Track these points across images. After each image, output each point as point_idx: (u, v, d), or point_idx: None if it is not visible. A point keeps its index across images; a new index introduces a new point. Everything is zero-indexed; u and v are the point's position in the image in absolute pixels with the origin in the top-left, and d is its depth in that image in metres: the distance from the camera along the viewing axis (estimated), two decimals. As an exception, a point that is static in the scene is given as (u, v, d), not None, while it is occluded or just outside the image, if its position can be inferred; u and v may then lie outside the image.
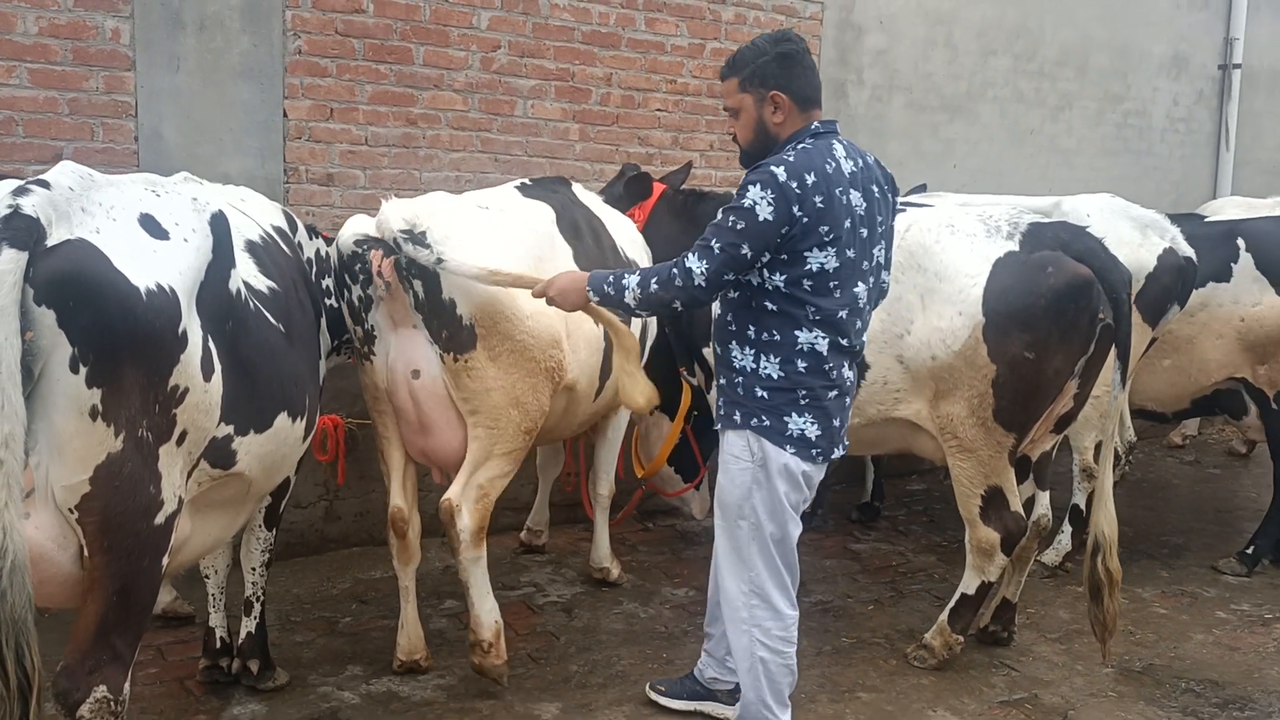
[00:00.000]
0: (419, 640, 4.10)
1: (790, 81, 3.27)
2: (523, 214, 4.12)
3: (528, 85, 6.28)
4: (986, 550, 4.10)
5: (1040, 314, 3.82)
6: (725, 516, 3.42)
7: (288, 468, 3.52)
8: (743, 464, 3.34)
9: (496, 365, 3.80)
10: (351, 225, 3.86)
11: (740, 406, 3.33)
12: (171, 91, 5.31)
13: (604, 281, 3.36)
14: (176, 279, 2.66)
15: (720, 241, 3.15)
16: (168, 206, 2.79)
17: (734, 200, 3.18)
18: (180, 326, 2.64)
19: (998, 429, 3.96)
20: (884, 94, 7.69)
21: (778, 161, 3.16)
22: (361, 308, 3.84)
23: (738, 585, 3.42)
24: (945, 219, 4.09)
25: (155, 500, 2.67)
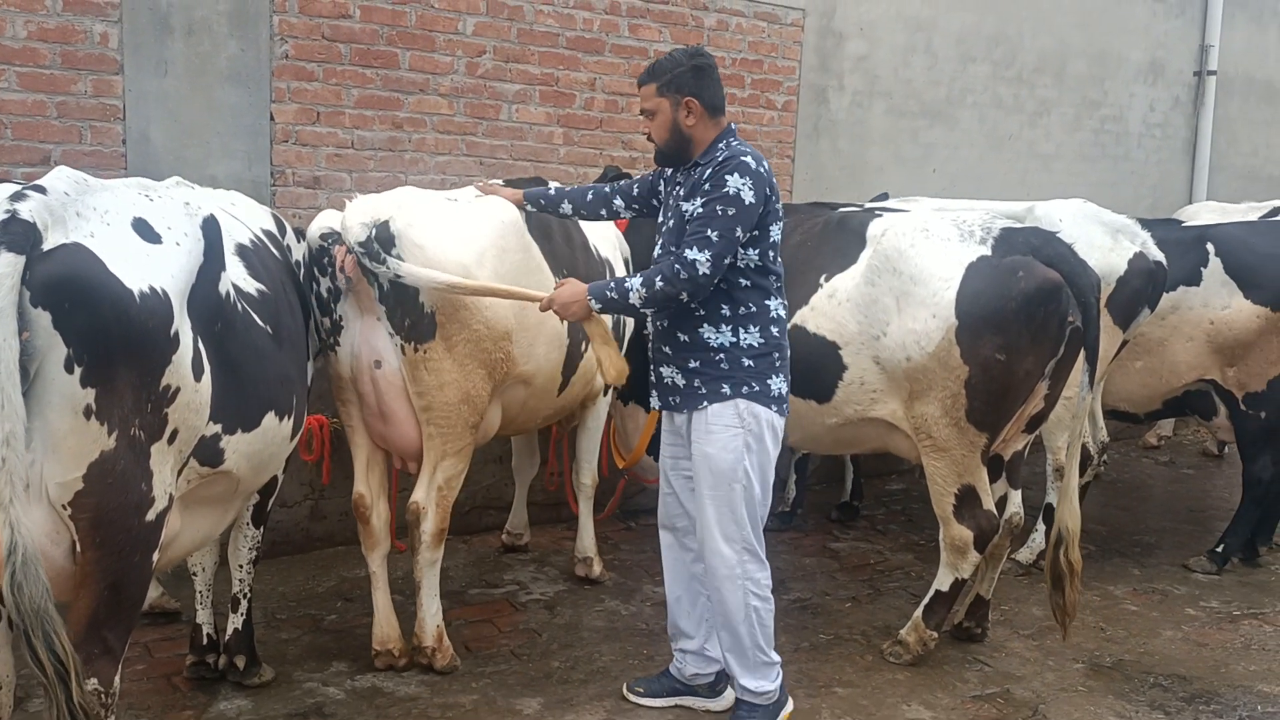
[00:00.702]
0: (392, 629, 4.14)
1: (701, 90, 3.64)
2: (489, 205, 4.22)
3: (513, 90, 6.36)
4: (960, 548, 4.20)
5: (1011, 317, 3.92)
6: (717, 484, 3.61)
7: (275, 466, 3.59)
8: (733, 431, 3.59)
9: (452, 357, 3.93)
10: (319, 220, 3.98)
11: (727, 379, 3.60)
12: (159, 95, 5.37)
13: (605, 290, 3.61)
14: (169, 282, 2.73)
15: (715, 230, 3.45)
16: (160, 211, 2.86)
17: (713, 192, 3.49)
18: (172, 328, 2.71)
19: (970, 429, 4.06)
20: (864, 100, 7.79)
21: (741, 152, 3.57)
22: (330, 299, 3.96)
23: (730, 547, 3.64)
24: (920, 224, 4.19)
25: (147, 497, 2.74)
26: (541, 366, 4.36)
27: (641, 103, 3.74)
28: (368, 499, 4.14)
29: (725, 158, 3.55)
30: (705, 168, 3.59)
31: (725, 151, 3.59)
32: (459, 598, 4.88)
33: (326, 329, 4.01)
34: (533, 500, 5.75)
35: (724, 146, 3.63)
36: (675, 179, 3.81)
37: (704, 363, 3.61)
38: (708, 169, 3.57)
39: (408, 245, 3.79)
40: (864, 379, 4.26)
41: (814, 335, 4.36)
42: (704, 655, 3.96)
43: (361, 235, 3.72)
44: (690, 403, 3.67)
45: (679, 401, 3.72)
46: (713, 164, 3.56)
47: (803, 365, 4.37)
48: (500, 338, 4.08)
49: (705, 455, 3.63)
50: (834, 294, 4.34)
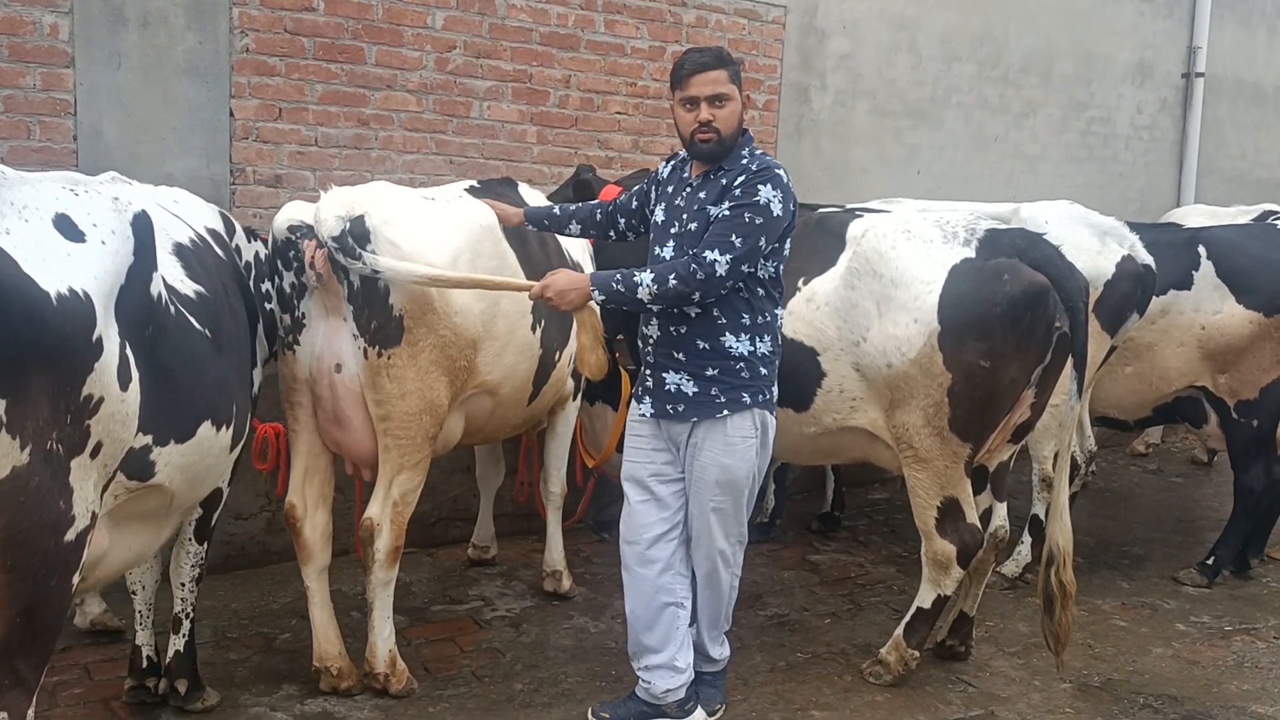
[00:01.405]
0: (331, 646, 3.94)
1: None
2: (466, 207, 4.05)
3: (484, 86, 6.16)
4: (942, 563, 4.01)
5: (996, 322, 3.74)
6: (731, 492, 3.63)
7: (215, 479, 3.38)
8: (750, 441, 3.62)
9: (416, 365, 3.74)
10: (286, 211, 3.79)
11: (747, 388, 3.59)
12: (112, 89, 5.15)
13: (611, 281, 3.50)
14: (92, 283, 2.53)
15: (739, 236, 3.42)
16: (86, 207, 2.65)
17: (743, 199, 3.46)
18: (94, 333, 2.51)
19: (953, 439, 3.88)
20: (847, 99, 7.62)
21: (773, 164, 3.57)
22: (293, 295, 3.77)
23: (730, 544, 3.74)
24: (901, 224, 4.01)
25: (65, 516, 2.53)
26: (509, 376, 4.18)
27: (710, 87, 3.53)
28: (300, 509, 3.94)
29: (760, 168, 3.53)
30: (735, 174, 3.54)
31: (757, 161, 3.58)
32: (420, 615, 4.67)
33: (286, 326, 3.82)
34: (502, 511, 5.55)
35: (749, 154, 3.61)
36: (687, 181, 3.70)
37: (724, 371, 3.57)
38: (738, 175, 3.52)
39: (382, 242, 3.62)
40: (843, 386, 4.08)
41: (791, 341, 4.16)
42: (673, 668, 3.76)
43: (336, 229, 3.52)
44: (703, 411, 3.58)
45: (684, 410, 3.60)
46: (745, 171, 3.52)
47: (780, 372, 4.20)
48: (466, 345, 3.90)
49: (723, 467, 3.60)
50: (812, 298, 4.15)
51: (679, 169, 3.78)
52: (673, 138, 6.97)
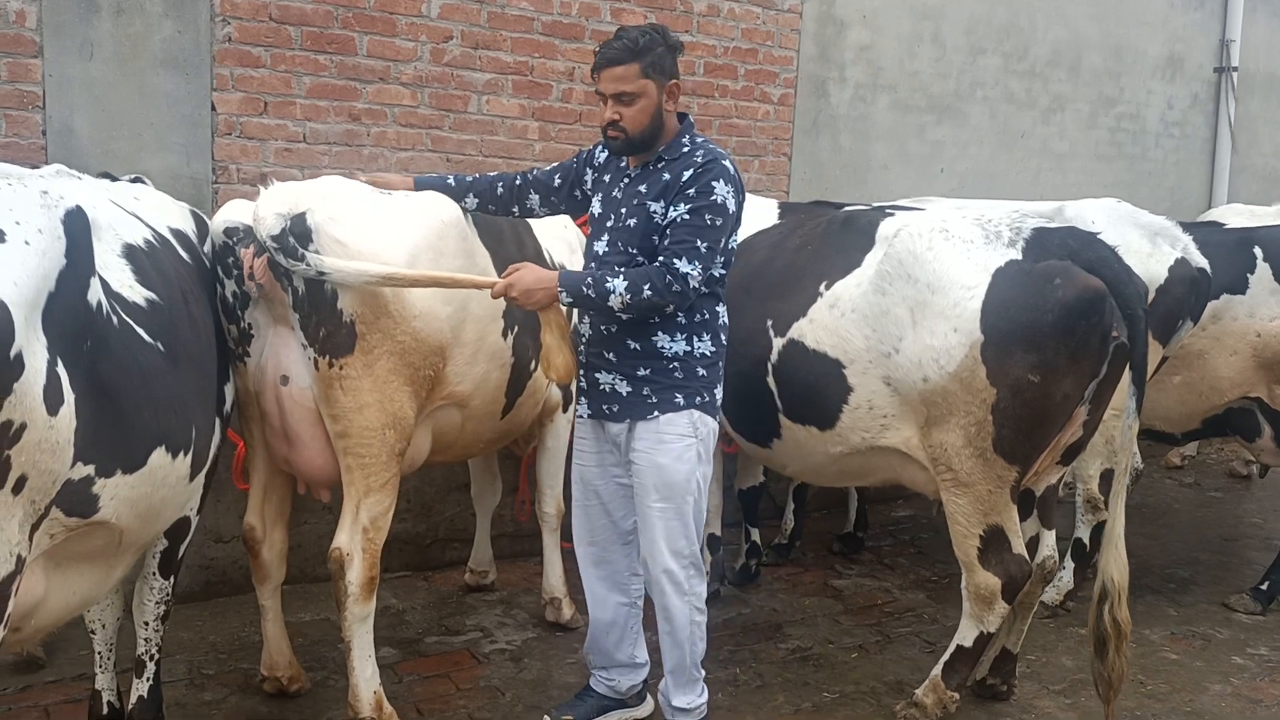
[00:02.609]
0: (281, 655, 3.85)
1: (678, 74, 3.43)
2: (427, 201, 3.67)
3: (483, 79, 5.81)
4: (986, 597, 3.63)
5: (1048, 331, 3.36)
6: (669, 496, 3.42)
7: (173, 511, 3.01)
8: (687, 441, 3.41)
9: (372, 375, 3.38)
10: (223, 212, 3.46)
11: (681, 389, 3.41)
12: (84, 81, 4.81)
13: (581, 284, 3.28)
14: (10, 290, 2.17)
15: (705, 241, 3.26)
16: (8, 202, 2.30)
17: (699, 200, 3.28)
18: (12, 348, 2.15)
19: (998, 461, 3.50)
20: (867, 93, 7.24)
21: (719, 154, 3.36)
22: (237, 305, 3.43)
23: (678, 562, 3.47)
24: (938, 223, 3.63)
25: None
26: (480, 386, 3.82)
27: (615, 85, 3.35)
28: (259, 531, 3.73)
29: (707, 160, 3.34)
30: (679, 166, 3.36)
31: (701, 151, 3.38)
32: (413, 647, 4.31)
33: (234, 338, 3.47)
34: (501, 531, 5.19)
35: (690, 142, 3.43)
36: (625, 171, 3.53)
37: (655, 370, 3.41)
38: (684, 168, 3.34)
39: (326, 241, 3.26)
40: (872, 402, 3.71)
41: (813, 352, 3.81)
42: (633, 665, 3.81)
43: (275, 228, 3.17)
44: (636, 412, 3.44)
45: (618, 411, 3.48)
46: (690, 164, 3.34)
47: (801, 386, 3.86)
48: (431, 352, 3.52)
49: (657, 466, 3.41)
50: (836, 304, 3.78)
51: (616, 157, 3.57)
52: (684, 134, 6.62)
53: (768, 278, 4.06)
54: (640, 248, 3.37)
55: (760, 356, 3.94)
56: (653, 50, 3.32)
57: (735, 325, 4.02)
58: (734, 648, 4.41)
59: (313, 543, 4.83)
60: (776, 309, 3.94)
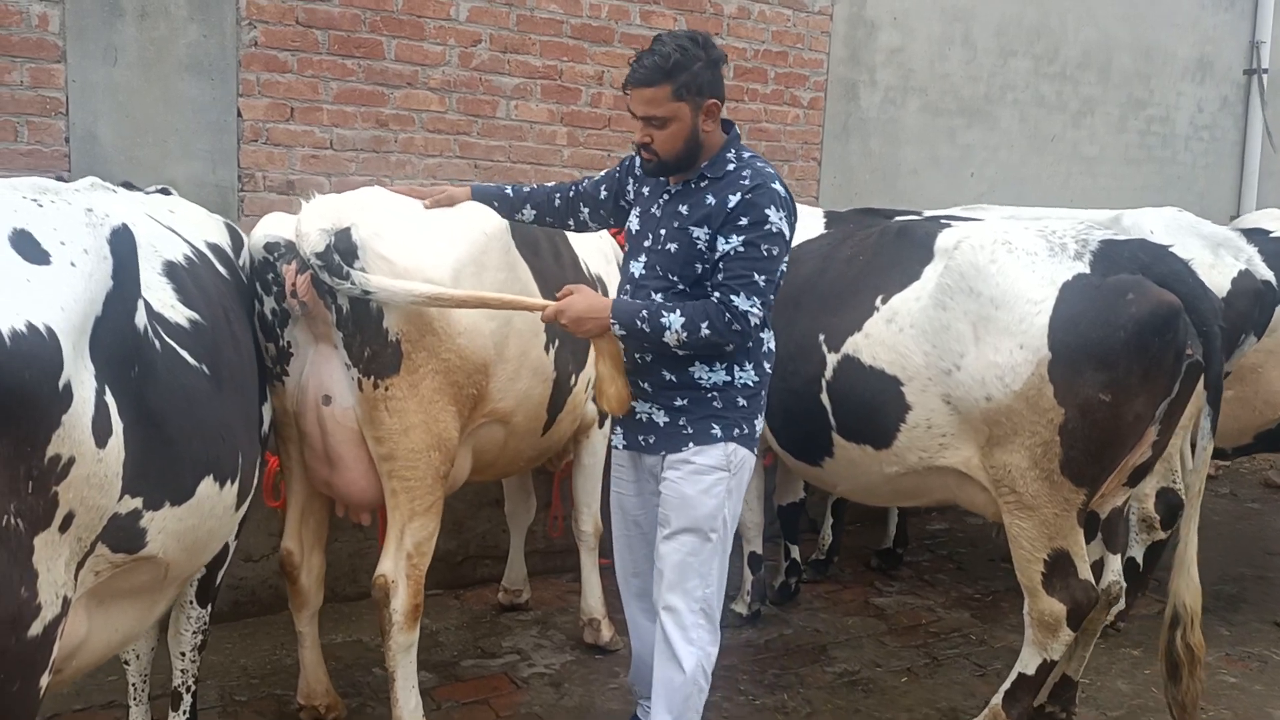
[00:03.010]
0: (319, 684, 3.70)
1: (721, 89, 3.14)
2: (469, 213, 3.56)
3: (511, 84, 5.68)
4: (1050, 624, 3.50)
5: (1120, 349, 3.22)
6: (694, 531, 3.19)
7: (218, 542, 2.88)
8: (718, 474, 3.19)
9: (417, 395, 3.28)
10: (264, 226, 3.32)
11: (719, 419, 3.18)
12: (108, 86, 4.69)
13: (635, 316, 3.08)
14: (58, 316, 2.03)
15: (763, 274, 3.05)
16: (51, 220, 2.16)
17: (754, 230, 3.04)
18: (61, 379, 2.02)
19: (1065, 483, 3.36)
20: (898, 96, 7.11)
21: (769, 175, 3.10)
22: (275, 322, 3.30)
23: (688, 603, 3.21)
24: (1000, 235, 3.50)
25: (28, 607, 2.04)
26: (523, 403, 3.70)
27: (644, 107, 3.08)
28: (297, 556, 3.59)
29: (756, 184, 3.06)
30: (725, 189, 3.09)
31: (748, 171, 3.10)
32: (450, 670, 4.18)
33: (272, 356, 3.35)
34: (534, 548, 5.06)
35: (736, 158, 3.16)
36: (664, 186, 3.28)
37: (693, 401, 3.19)
38: (731, 191, 3.07)
39: (371, 257, 3.15)
40: (931, 421, 3.57)
41: (870, 368, 3.67)
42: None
43: (320, 245, 3.04)
44: (671, 444, 3.22)
45: (653, 442, 3.25)
46: (737, 188, 3.07)
47: (856, 404, 3.72)
48: (475, 370, 3.42)
49: (682, 497, 3.18)
50: (893, 318, 3.65)
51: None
52: (713, 138, 6.49)
53: (819, 290, 3.93)
54: (681, 275, 3.15)
55: (813, 373, 3.81)
56: (687, 68, 3.01)
57: (785, 340, 3.90)
58: (779, 671, 4.28)
59: (343, 561, 4.71)
60: (829, 323, 3.81)
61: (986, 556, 5.80)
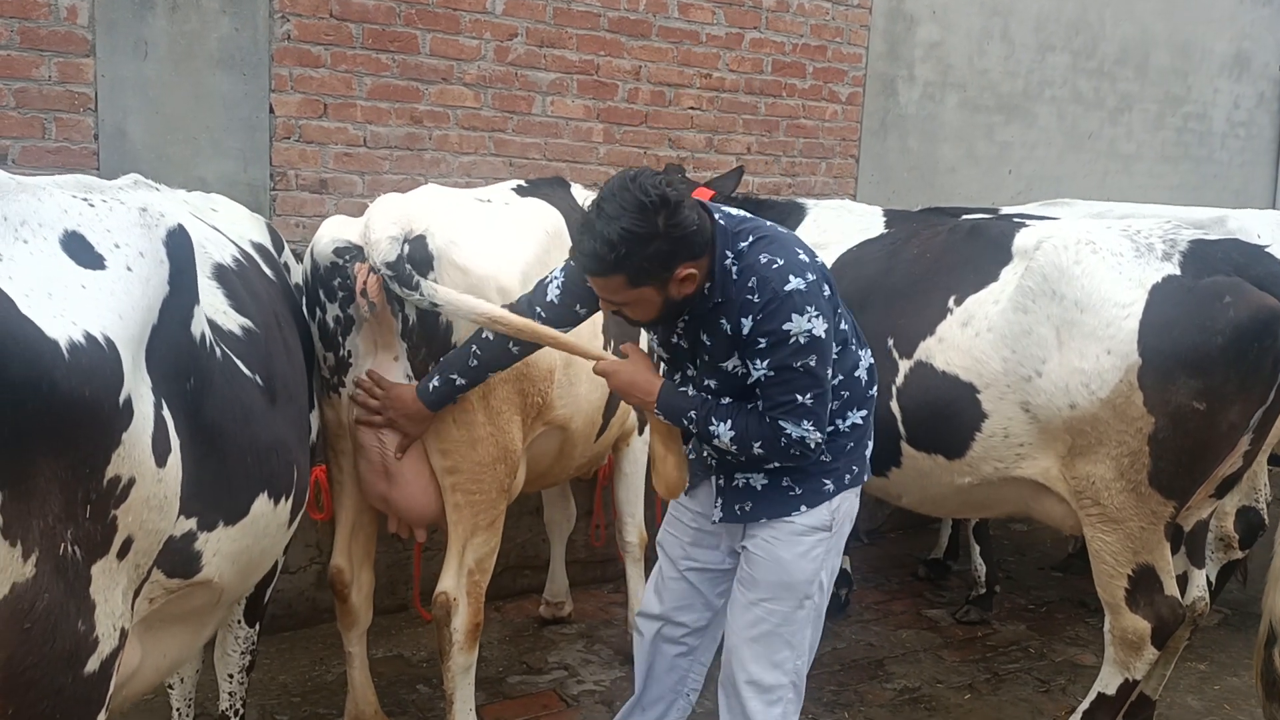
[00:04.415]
0: (368, 705, 3.55)
1: (696, 246, 2.58)
2: (529, 210, 3.44)
3: (547, 79, 5.52)
4: (1133, 642, 3.34)
5: (1217, 354, 3.06)
6: (782, 598, 2.85)
7: (270, 560, 2.73)
8: (819, 536, 2.85)
9: (487, 407, 3.14)
10: (330, 229, 3.12)
11: (829, 473, 2.84)
12: (138, 82, 4.53)
13: (682, 414, 2.77)
14: (116, 325, 1.88)
15: (809, 391, 2.63)
16: (105, 222, 2.00)
17: (779, 350, 2.60)
18: (122, 394, 1.86)
19: (1154, 495, 3.21)
20: (936, 92, 6.95)
21: (776, 276, 2.59)
22: (338, 330, 3.13)
23: (775, 677, 2.87)
24: (1083, 234, 3.34)
25: (86, 641, 1.88)
26: (581, 408, 3.56)
27: (602, 292, 2.68)
28: (347, 574, 3.41)
29: (765, 298, 2.58)
30: (735, 311, 2.65)
31: (754, 281, 2.61)
32: (496, 687, 4.03)
33: (330, 366, 3.18)
34: (574, 558, 4.91)
35: (736, 263, 2.64)
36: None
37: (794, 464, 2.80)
38: (743, 315, 2.64)
39: (447, 267, 2.99)
40: (1009, 430, 3.41)
41: (942, 374, 3.52)
42: None
43: (392, 254, 2.88)
44: (776, 509, 2.84)
45: (752, 509, 2.87)
46: (747, 308, 2.62)
47: (927, 411, 3.57)
48: (542, 378, 3.29)
49: (777, 561, 2.83)
50: (969, 322, 3.49)
51: None
52: (749, 134, 6.33)
53: (884, 292, 3.77)
54: (733, 394, 2.78)
55: (882, 380, 3.64)
56: (639, 254, 2.49)
57: (850, 344, 3.74)
58: (836, 688, 4.12)
59: (381, 573, 4.51)
60: (898, 326, 3.65)
61: (1034, 566, 5.64)
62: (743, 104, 6.22)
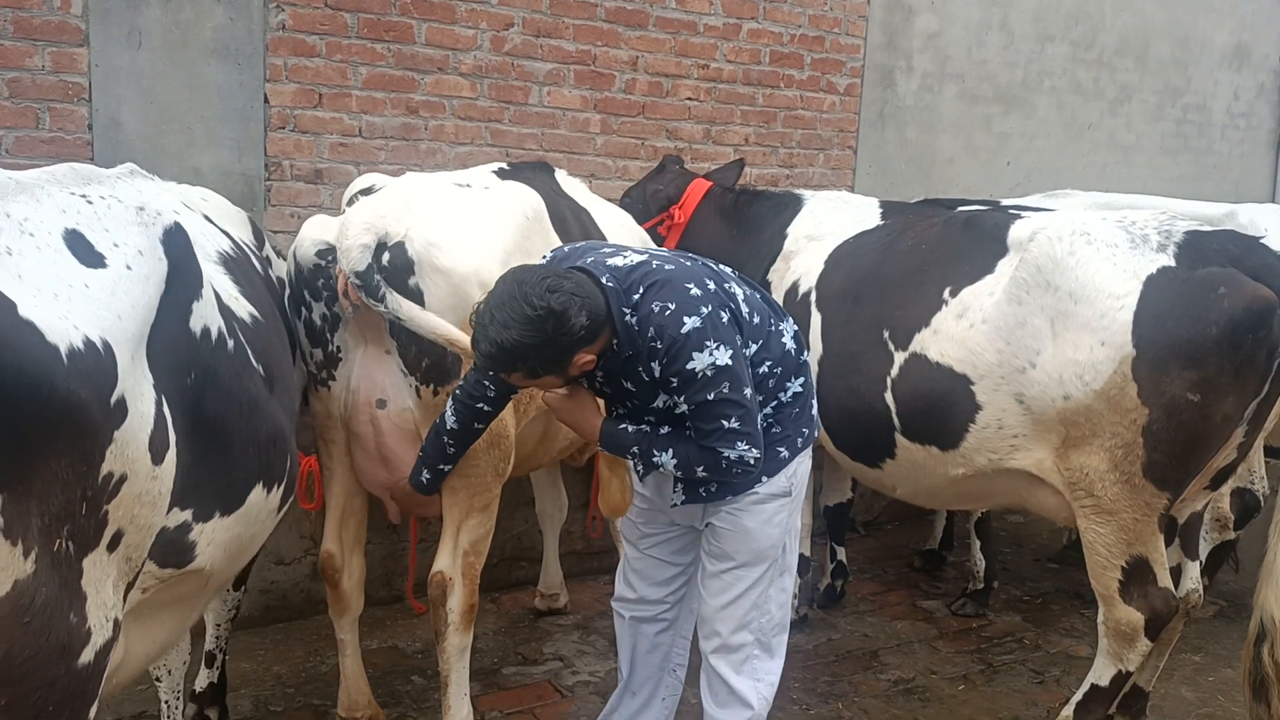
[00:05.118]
0: (361, 695, 3.54)
1: (588, 338, 2.64)
2: (508, 194, 3.42)
3: (544, 69, 5.50)
4: (1126, 634, 3.34)
5: (1211, 345, 3.05)
6: (749, 564, 2.98)
7: (258, 545, 2.77)
8: (780, 501, 2.97)
9: None
10: (311, 230, 3.14)
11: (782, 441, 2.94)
12: (132, 71, 4.52)
13: (625, 449, 2.86)
14: (114, 325, 1.89)
15: (733, 414, 2.70)
16: (104, 221, 2.01)
17: (689, 387, 2.68)
18: (115, 393, 1.86)
19: (1148, 487, 3.20)
20: (934, 83, 6.92)
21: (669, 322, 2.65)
22: (325, 327, 3.15)
23: (742, 636, 3.01)
24: (1078, 226, 3.33)
25: (78, 633, 1.89)
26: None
27: (509, 381, 2.78)
28: (338, 559, 3.43)
29: (665, 345, 2.64)
30: (644, 359, 2.72)
31: (652, 330, 2.66)
32: (491, 679, 4.03)
33: (318, 362, 3.21)
34: (570, 550, 4.91)
35: (633, 314, 2.69)
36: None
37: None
38: (653, 361, 2.70)
39: (429, 272, 3.03)
40: (1003, 421, 3.41)
41: (936, 365, 3.51)
42: None
43: (361, 263, 2.91)
44: (743, 485, 2.91)
45: (721, 489, 2.93)
46: (652, 354, 2.68)
47: (921, 403, 3.56)
48: None
49: (743, 531, 2.95)
50: (964, 313, 3.48)
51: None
52: (747, 125, 6.31)
53: (879, 283, 3.76)
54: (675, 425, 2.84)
55: (877, 371, 3.64)
56: (532, 358, 2.58)
57: (845, 336, 3.75)
58: (831, 679, 4.12)
59: (375, 564, 4.53)
60: (893, 318, 3.64)
61: (1031, 558, 5.64)
62: (740, 95, 6.20)
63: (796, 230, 4.34)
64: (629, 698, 3.30)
